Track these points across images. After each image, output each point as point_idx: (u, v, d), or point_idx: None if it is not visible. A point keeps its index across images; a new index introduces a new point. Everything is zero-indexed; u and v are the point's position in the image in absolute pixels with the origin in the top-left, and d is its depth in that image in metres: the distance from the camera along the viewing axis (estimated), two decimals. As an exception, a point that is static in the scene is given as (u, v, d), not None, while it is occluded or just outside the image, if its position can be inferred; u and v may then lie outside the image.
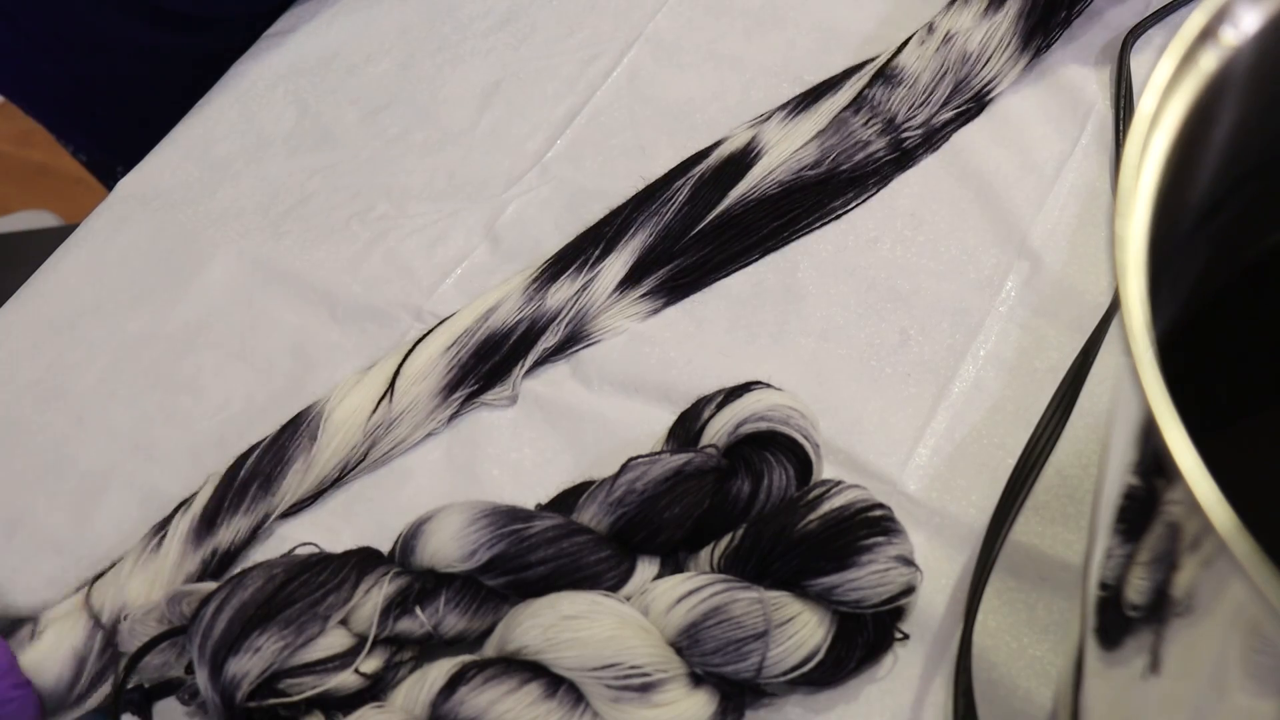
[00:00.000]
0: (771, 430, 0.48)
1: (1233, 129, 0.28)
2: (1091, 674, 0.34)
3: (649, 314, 0.56)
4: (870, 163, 0.59)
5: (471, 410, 0.55)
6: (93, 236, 0.64)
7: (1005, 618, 0.46)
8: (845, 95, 0.60)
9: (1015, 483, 0.49)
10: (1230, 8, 0.26)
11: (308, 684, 0.44)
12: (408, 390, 0.53)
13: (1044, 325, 0.54)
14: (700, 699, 0.43)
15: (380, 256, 0.61)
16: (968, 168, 0.59)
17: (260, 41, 0.72)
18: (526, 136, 0.65)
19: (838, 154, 0.59)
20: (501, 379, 0.54)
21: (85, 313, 0.61)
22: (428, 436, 0.54)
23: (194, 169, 0.67)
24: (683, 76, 0.66)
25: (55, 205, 1.66)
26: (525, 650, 0.43)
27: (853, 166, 0.59)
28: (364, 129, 0.67)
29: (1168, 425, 0.21)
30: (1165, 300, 0.26)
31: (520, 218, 0.61)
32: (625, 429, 0.53)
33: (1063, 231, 0.57)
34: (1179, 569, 0.23)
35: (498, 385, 0.54)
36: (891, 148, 0.59)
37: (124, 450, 0.56)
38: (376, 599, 0.45)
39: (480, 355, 0.54)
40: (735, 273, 0.57)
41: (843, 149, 0.59)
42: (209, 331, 0.59)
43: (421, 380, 0.53)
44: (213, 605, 0.44)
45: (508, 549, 0.45)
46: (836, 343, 0.55)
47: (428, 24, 0.71)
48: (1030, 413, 0.51)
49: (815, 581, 0.44)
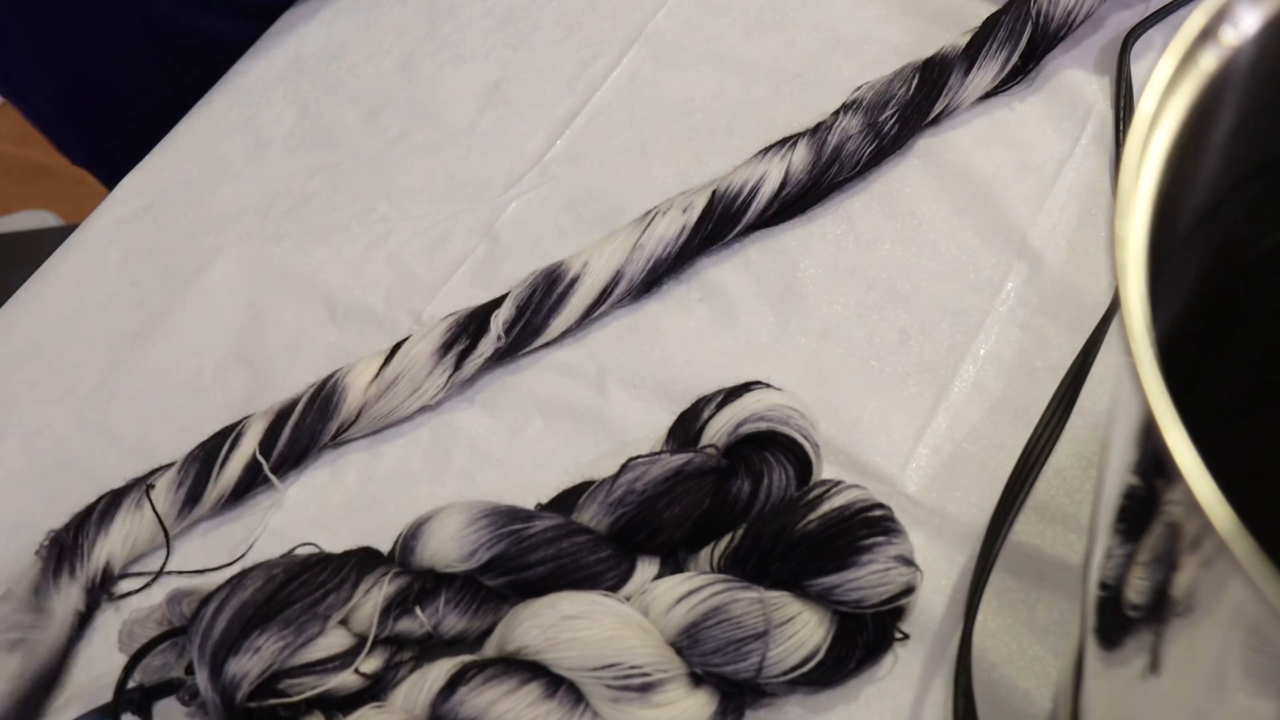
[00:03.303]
0: (771, 430, 0.48)
1: (1233, 129, 0.28)
2: (1091, 674, 0.34)
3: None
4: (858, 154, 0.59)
5: (470, 413, 0.55)
6: (93, 236, 0.64)
7: (1005, 618, 0.46)
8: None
9: (1015, 483, 0.49)
10: (1230, 8, 0.26)
11: (308, 684, 0.44)
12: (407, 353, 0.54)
13: (1044, 325, 0.54)
14: (700, 699, 0.43)
15: (381, 258, 0.61)
16: (968, 168, 0.59)
17: (260, 41, 0.72)
18: (526, 136, 0.65)
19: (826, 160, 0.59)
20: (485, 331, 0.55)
21: (85, 313, 0.61)
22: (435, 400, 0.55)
23: (194, 169, 0.67)
24: (683, 76, 0.66)
25: (55, 205, 1.66)
26: (525, 650, 0.43)
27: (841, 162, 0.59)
28: (364, 129, 0.67)
29: (1168, 425, 0.21)
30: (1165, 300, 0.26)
31: (520, 218, 0.61)
32: (625, 429, 0.53)
33: (1063, 231, 0.57)
34: (1179, 569, 0.23)
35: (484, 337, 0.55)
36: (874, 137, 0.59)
37: (124, 451, 0.56)
38: (376, 599, 0.45)
39: (474, 315, 0.55)
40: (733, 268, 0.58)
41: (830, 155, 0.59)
42: (209, 332, 0.59)
43: (419, 341, 0.55)
44: (212, 605, 0.44)
45: (508, 549, 0.45)
46: (836, 343, 0.55)
47: (428, 24, 0.71)
48: (1030, 413, 0.51)
49: (815, 581, 0.44)
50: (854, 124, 0.59)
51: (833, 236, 0.58)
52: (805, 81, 0.64)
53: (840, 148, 0.58)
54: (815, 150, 0.58)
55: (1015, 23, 0.61)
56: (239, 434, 0.53)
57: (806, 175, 0.58)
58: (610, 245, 0.56)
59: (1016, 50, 0.61)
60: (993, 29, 0.61)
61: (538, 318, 0.55)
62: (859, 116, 0.59)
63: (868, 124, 0.59)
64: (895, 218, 0.58)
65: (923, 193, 0.59)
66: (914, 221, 0.58)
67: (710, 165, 0.62)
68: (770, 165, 0.58)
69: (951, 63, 0.60)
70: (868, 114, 0.59)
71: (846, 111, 0.59)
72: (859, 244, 0.58)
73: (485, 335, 0.55)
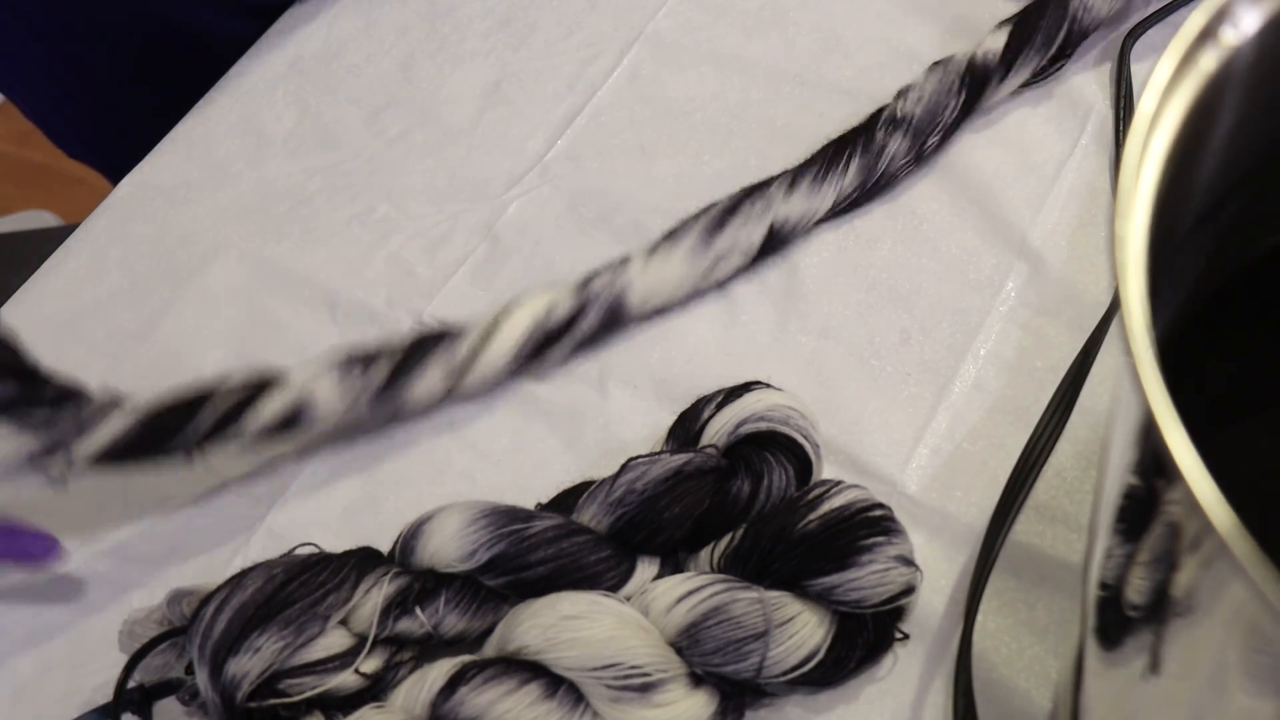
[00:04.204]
0: (771, 430, 0.48)
1: (1233, 129, 0.28)
2: (1091, 674, 0.34)
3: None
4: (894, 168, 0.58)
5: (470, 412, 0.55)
6: (93, 236, 0.64)
7: (1005, 618, 0.46)
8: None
9: (1015, 483, 0.49)
10: (1230, 8, 0.26)
11: (308, 684, 0.44)
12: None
13: (1044, 325, 0.54)
14: (700, 699, 0.43)
15: (381, 258, 0.61)
16: (968, 168, 0.59)
17: (260, 41, 0.72)
18: (526, 136, 0.65)
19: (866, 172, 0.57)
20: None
21: (85, 313, 0.61)
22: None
23: (194, 169, 0.67)
24: (683, 76, 0.66)
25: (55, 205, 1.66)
26: (525, 650, 0.43)
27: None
28: (364, 129, 0.67)
29: (1168, 425, 0.21)
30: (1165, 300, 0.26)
31: (520, 218, 0.61)
32: (625, 429, 0.53)
33: (1063, 231, 0.57)
34: (1179, 569, 0.23)
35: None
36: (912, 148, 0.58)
37: (124, 450, 0.56)
38: (376, 599, 0.45)
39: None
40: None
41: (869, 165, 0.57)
42: (209, 331, 0.59)
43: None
44: (212, 605, 0.44)
45: (508, 549, 0.45)
46: (837, 343, 0.55)
47: (428, 24, 0.71)
48: (1030, 413, 0.51)
49: (815, 581, 0.44)
50: (903, 147, 0.57)
51: (832, 237, 0.58)
52: (805, 81, 0.64)
53: (887, 170, 0.57)
54: (864, 172, 0.57)
55: (1054, 23, 0.59)
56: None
57: (848, 198, 0.57)
58: (670, 271, 0.55)
59: (1050, 51, 0.60)
60: (1032, 30, 0.59)
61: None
62: (908, 139, 0.57)
63: (914, 145, 0.57)
64: (895, 218, 0.58)
65: (923, 193, 0.59)
66: (914, 221, 0.58)
67: (710, 165, 0.62)
68: (827, 195, 0.57)
69: (992, 69, 0.59)
70: (917, 136, 0.57)
71: (896, 129, 0.57)
72: (859, 244, 0.58)
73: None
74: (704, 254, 0.55)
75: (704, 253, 0.55)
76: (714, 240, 0.55)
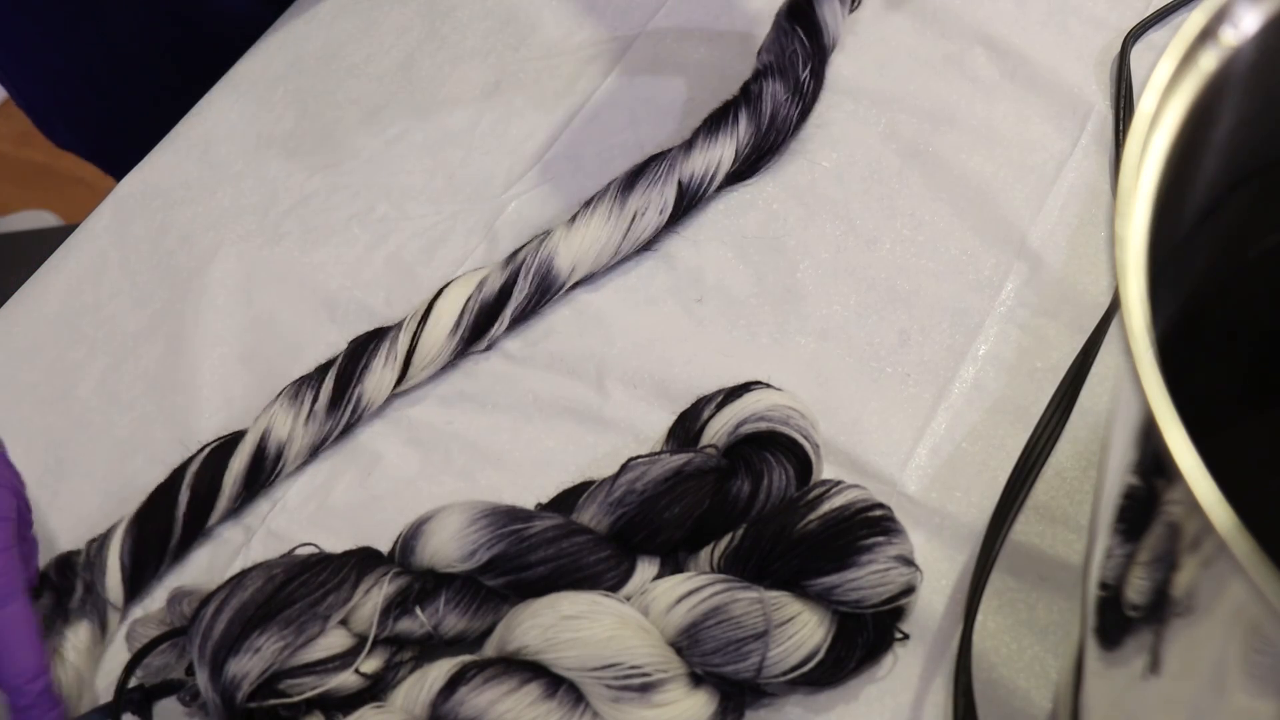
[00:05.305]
0: (771, 430, 0.48)
1: (1233, 129, 0.28)
2: (1091, 674, 0.34)
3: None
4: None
5: (470, 412, 0.55)
6: (93, 236, 0.65)
7: (1005, 618, 0.46)
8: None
9: (1015, 483, 0.49)
10: (1230, 8, 0.26)
11: (308, 684, 0.44)
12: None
13: (1044, 325, 0.54)
14: (700, 699, 0.43)
15: (380, 258, 0.61)
16: (967, 168, 0.59)
17: (260, 41, 0.72)
18: (526, 136, 0.65)
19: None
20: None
21: (85, 313, 0.61)
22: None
23: (194, 169, 0.67)
24: (683, 76, 0.66)
25: (55, 205, 1.66)
26: (525, 650, 0.43)
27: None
28: (364, 129, 0.67)
29: (1168, 425, 0.21)
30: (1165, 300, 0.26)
31: (520, 218, 0.61)
32: (625, 429, 0.53)
33: (1063, 231, 0.57)
34: (1179, 569, 0.23)
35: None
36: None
37: (124, 452, 0.56)
38: (376, 599, 0.45)
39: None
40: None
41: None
42: (209, 331, 0.59)
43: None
44: (212, 606, 0.44)
45: (508, 549, 0.45)
46: (836, 343, 0.55)
47: (428, 24, 0.71)
48: (1030, 413, 0.51)
49: (815, 581, 0.44)
50: (779, 88, 0.60)
51: (833, 236, 0.58)
52: (805, 81, 0.64)
53: (777, 114, 0.60)
54: (754, 120, 0.60)
55: None
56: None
57: (749, 145, 0.60)
58: (590, 234, 0.58)
59: None
60: None
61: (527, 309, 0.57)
62: (779, 81, 0.61)
63: (790, 85, 0.61)
64: (895, 218, 0.58)
65: (923, 193, 0.59)
66: (914, 221, 0.58)
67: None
68: (725, 146, 0.59)
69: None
70: (785, 75, 0.61)
71: (766, 77, 0.61)
72: (859, 244, 0.58)
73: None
74: (620, 214, 0.58)
75: (620, 213, 0.58)
76: (627, 200, 0.58)
